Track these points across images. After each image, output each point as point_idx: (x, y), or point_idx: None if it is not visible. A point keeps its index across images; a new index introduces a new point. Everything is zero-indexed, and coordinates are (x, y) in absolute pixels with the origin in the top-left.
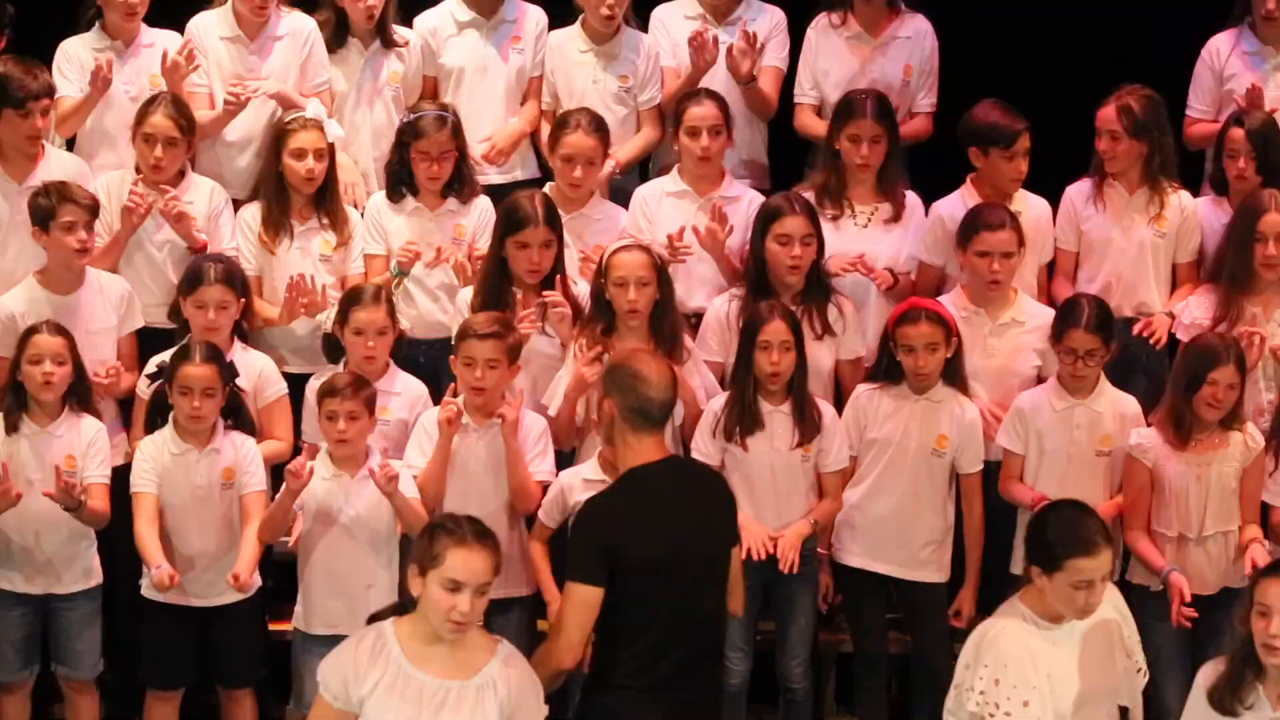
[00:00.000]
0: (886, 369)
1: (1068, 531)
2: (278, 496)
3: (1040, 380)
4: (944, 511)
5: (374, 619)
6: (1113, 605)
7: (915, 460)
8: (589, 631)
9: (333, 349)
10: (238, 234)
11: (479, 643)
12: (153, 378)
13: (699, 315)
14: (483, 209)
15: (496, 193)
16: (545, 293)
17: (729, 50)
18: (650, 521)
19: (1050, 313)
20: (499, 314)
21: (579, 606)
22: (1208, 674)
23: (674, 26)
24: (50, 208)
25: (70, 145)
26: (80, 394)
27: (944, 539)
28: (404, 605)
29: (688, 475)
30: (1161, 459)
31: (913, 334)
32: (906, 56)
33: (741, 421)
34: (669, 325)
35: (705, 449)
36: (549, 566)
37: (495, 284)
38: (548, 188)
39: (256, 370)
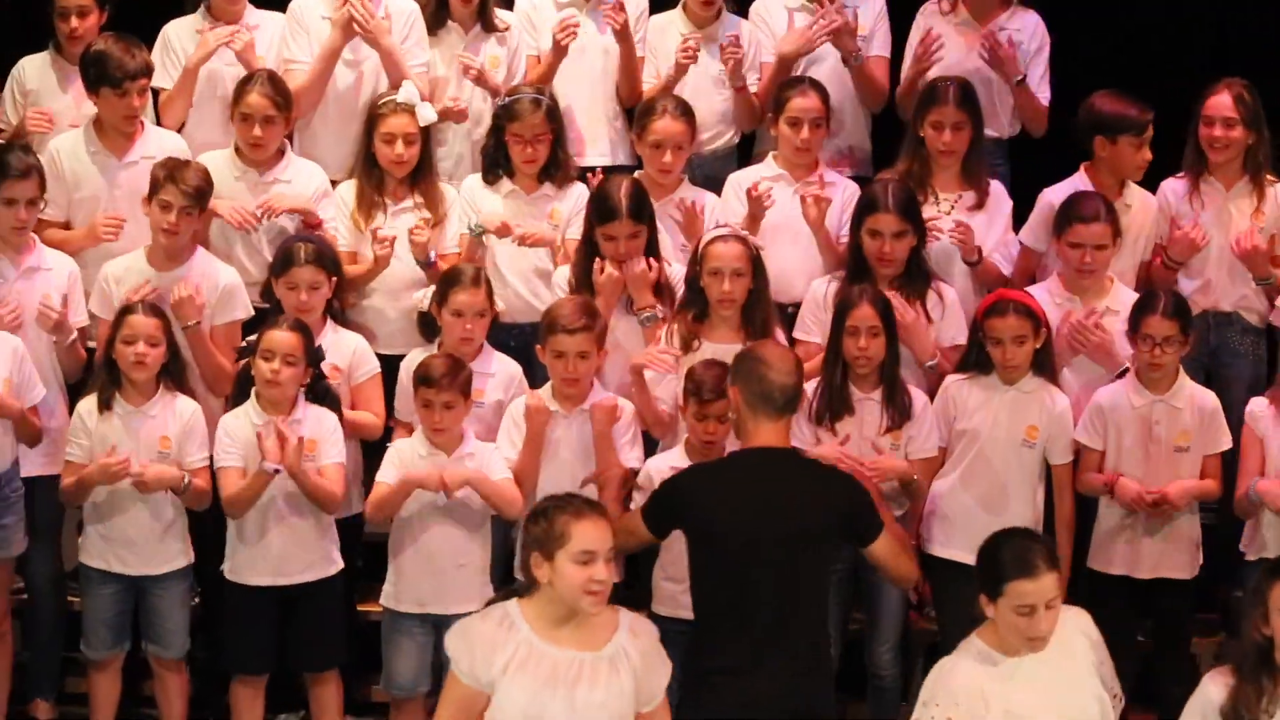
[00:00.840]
0: (976, 359)
1: (1010, 555)
2: (392, 488)
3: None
4: (1033, 502)
5: (494, 601)
6: (1080, 631)
7: (1005, 451)
8: (624, 552)
9: (428, 328)
10: (336, 212)
11: (603, 615)
12: (241, 353)
13: (794, 306)
14: (579, 194)
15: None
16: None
17: (835, 30)
18: (730, 498)
19: None
20: (585, 302)
21: (628, 530)
22: (1217, 687)
23: (776, 15)
24: (157, 182)
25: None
26: (175, 374)
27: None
28: (519, 590)
29: (793, 465)
30: (1271, 429)
31: (1000, 326)
32: (1013, 48)
33: (831, 406)
34: (761, 316)
35: (799, 432)
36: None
37: (588, 267)
38: (639, 174)
39: (350, 350)
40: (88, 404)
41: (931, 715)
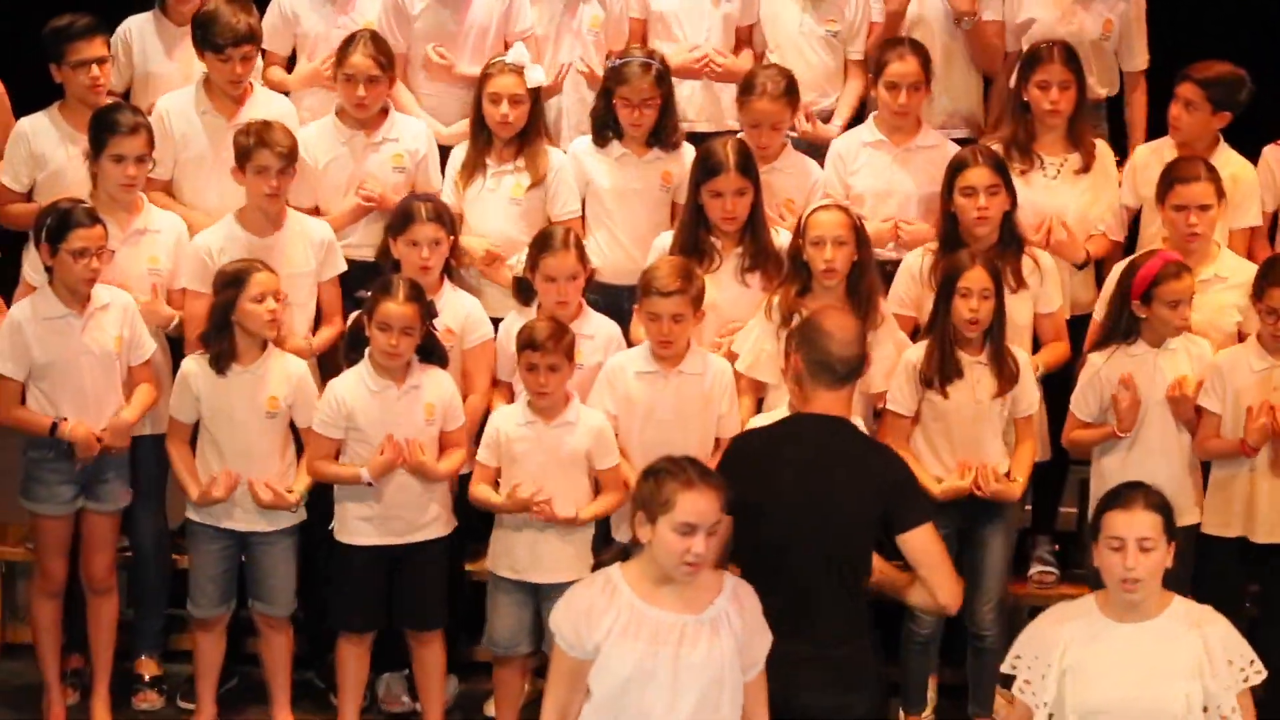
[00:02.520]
0: (1125, 329)
1: (1112, 491)
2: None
3: (1242, 338)
4: (1189, 451)
5: (598, 565)
6: (1203, 634)
7: (1163, 411)
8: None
9: (524, 291)
10: (449, 175)
11: (707, 578)
12: (354, 305)
13: (888, 264)
14: (688, 158)
15: (701, 141)
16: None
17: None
18: (776, 467)
19: (1254, 268)
20: (681, 264)
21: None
22: None
23: None
24: (248, 148)
25: None
26: (282, 333)
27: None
28: (627, 550)
29: (843, 438)
30: None
31: (1180, 289)
32: (1108, 11)
33: (942, 370)
34: (865, 286)
35: (900, 398)
36: None
37: (692, 231)
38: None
39: (465, 312)
40: (193, 364)
41: (1012, 664)
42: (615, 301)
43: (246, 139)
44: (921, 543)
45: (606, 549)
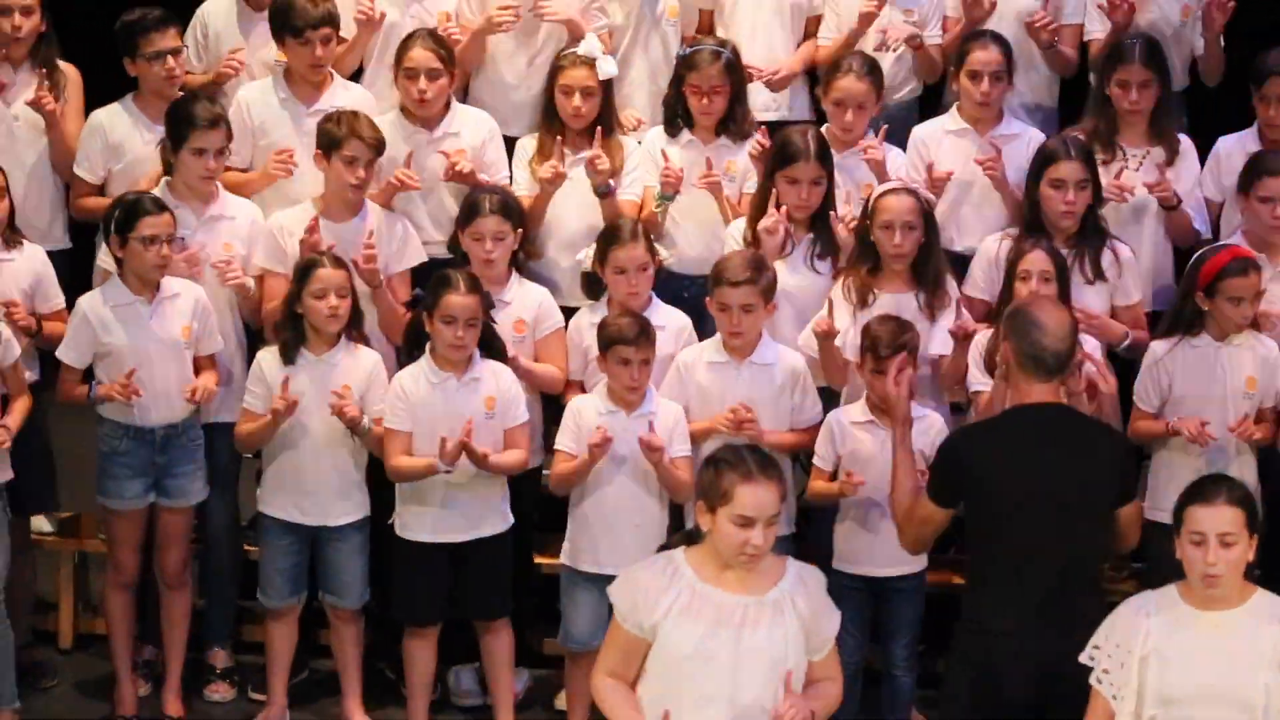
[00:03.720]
0: (1188, 320)
1: (1193, 486)
2: (578, 463)
3: None
4: (1253, 457)
5: (663, 549)
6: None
7: (1225, 408)
8: (927, 542)
9: (592, 286)
10: (515, 163)
11: (769, 562)
12: (410, 305)
13: (966, 257)
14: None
15: (773, 130)
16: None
17: (1028, 25)
18: (1011, 457)
19: None
20: (752, 255)
21: (923, 519)
22: None
23: None
24: (336, 137)
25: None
26: (356, 324)
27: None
28: (691, 535)
29: (1069, 423)
30: None
31: (1243, 285)
32: None
33: None
34: (933, 269)
35: (974, 382)
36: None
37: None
38: (823, 128)
39: (535, 302)
40: (267, 354)
41: (1090, 654)
42: (678, 292)
43: (335, 127)
44: (1132, 509)
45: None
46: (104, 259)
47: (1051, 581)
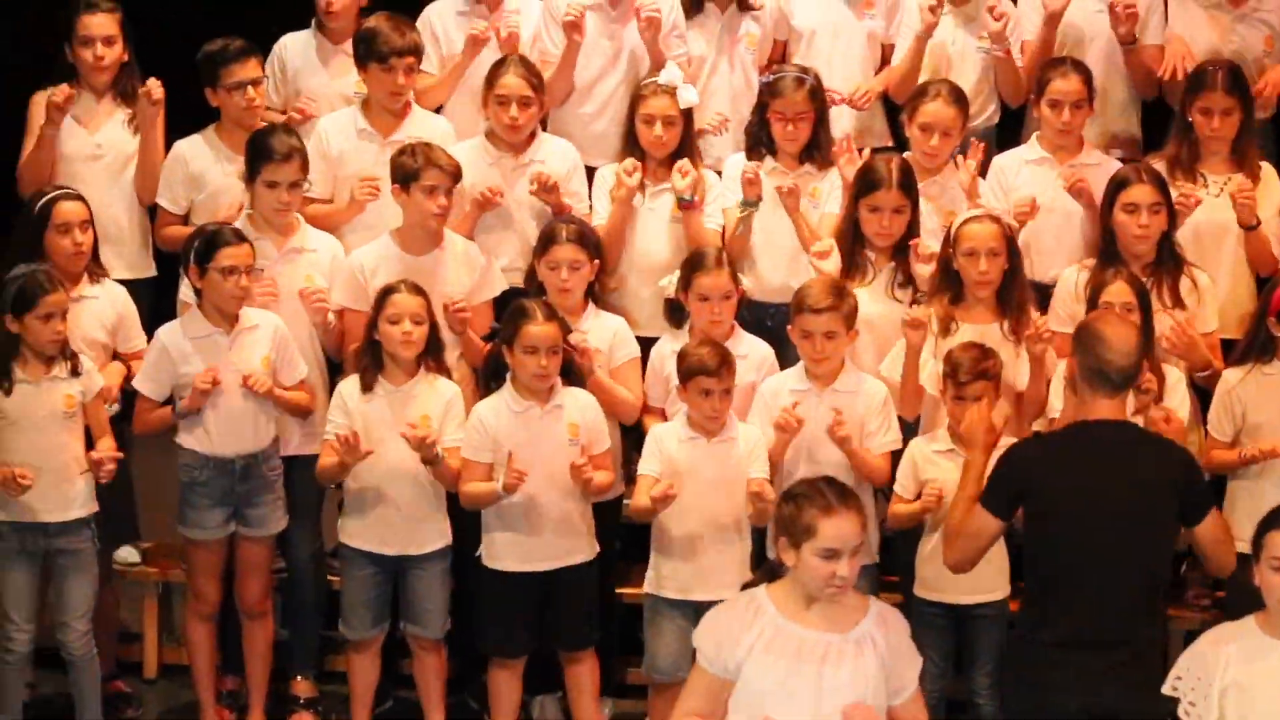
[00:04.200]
0: (1260, 347)
1: (1275, 512)
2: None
3: None
4: None
5: (746, 587)
6: None
7: None
8: (974, 558)
9: (675, 313)
10: (597, 193)
11: (852, 599)
12: (488, 338)
13: (1045, 286)
14: (837, 175)
15: None
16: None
17: (1111, 8)
18: (1072, 472)
19: None
20: (833, 281)
21: (975, 532)
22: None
23: None
24: (414, 169)
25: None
26: (435, 354)
27: None
28: (773, 570)
29: (1133, 439)
30: None
31: None
32: (1268, 28)
33: None
34: (1017, 296)
35: (1056, 414)
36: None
37: (848, 246)
38: (906, 155)
39: (611, 331)
40: (349, 384)
41: (1173, 686)
42: (761, 320)
43: (411, 159)
44: (1210, 528)
45: (759, 569)
46: (186, 291)
47: (1102, 596)
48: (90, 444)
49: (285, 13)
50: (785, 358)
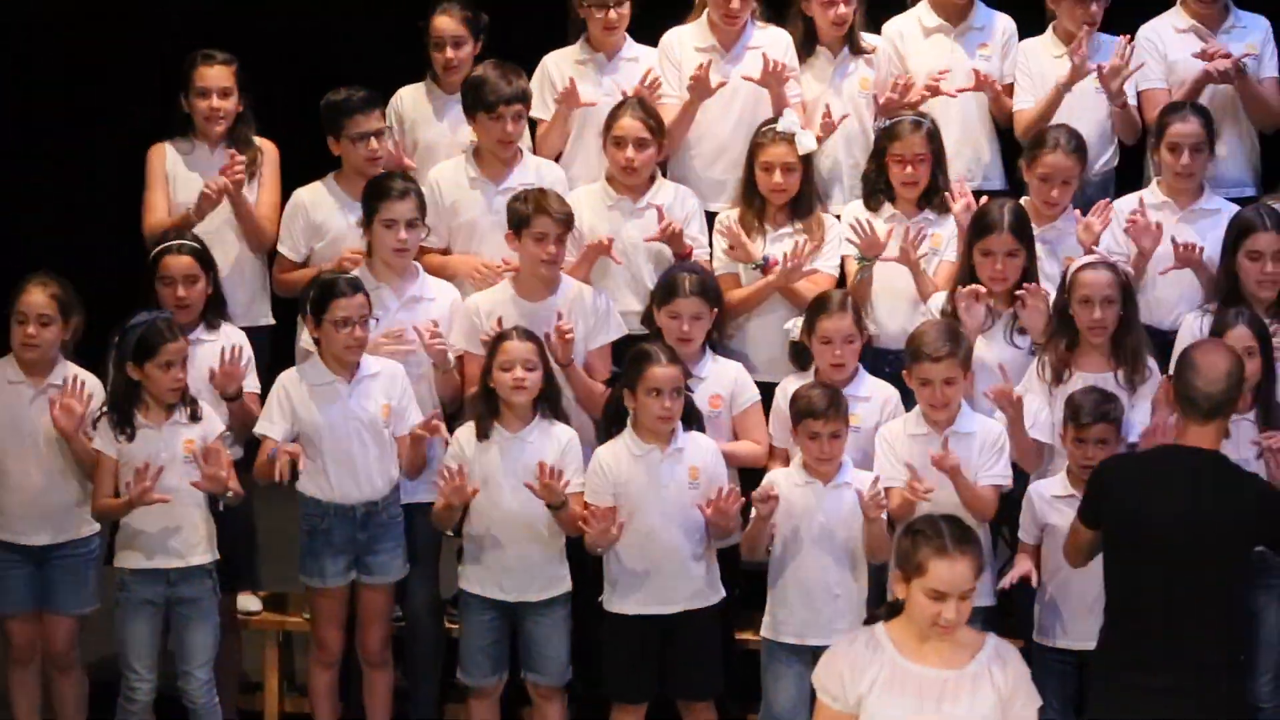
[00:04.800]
0: None
1: None
2: (752, 521)
3: None
4: None
5: (869, 621)
6: None
7: None
8: (1087, 559)
9: (800, 355)
10: (715, 239)
11: (967, 636)
12: (608, 383)
13: (1162, 331)
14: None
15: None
16: (1026, 287)
17: (1098, 69)
18: (1149, 490)
19: None
20: (948, 326)
21: (1075, 545)
22: None
23: (1165, 36)
24: (525, 215)
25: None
26: (552, 400)
27: None
28: (894, 607)
29: (1215, 468)
30: None
31: None
32: None
33: None
34: (1132, 343)
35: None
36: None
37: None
38: (1023, 200)
39: (731, 378)
40: (465, 431)
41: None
42: (880, 366)
43: (524, 206)
44: None
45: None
46: (306, 339)
47: (1174, 621)
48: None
49: (399, 64)
50: (907, 402)
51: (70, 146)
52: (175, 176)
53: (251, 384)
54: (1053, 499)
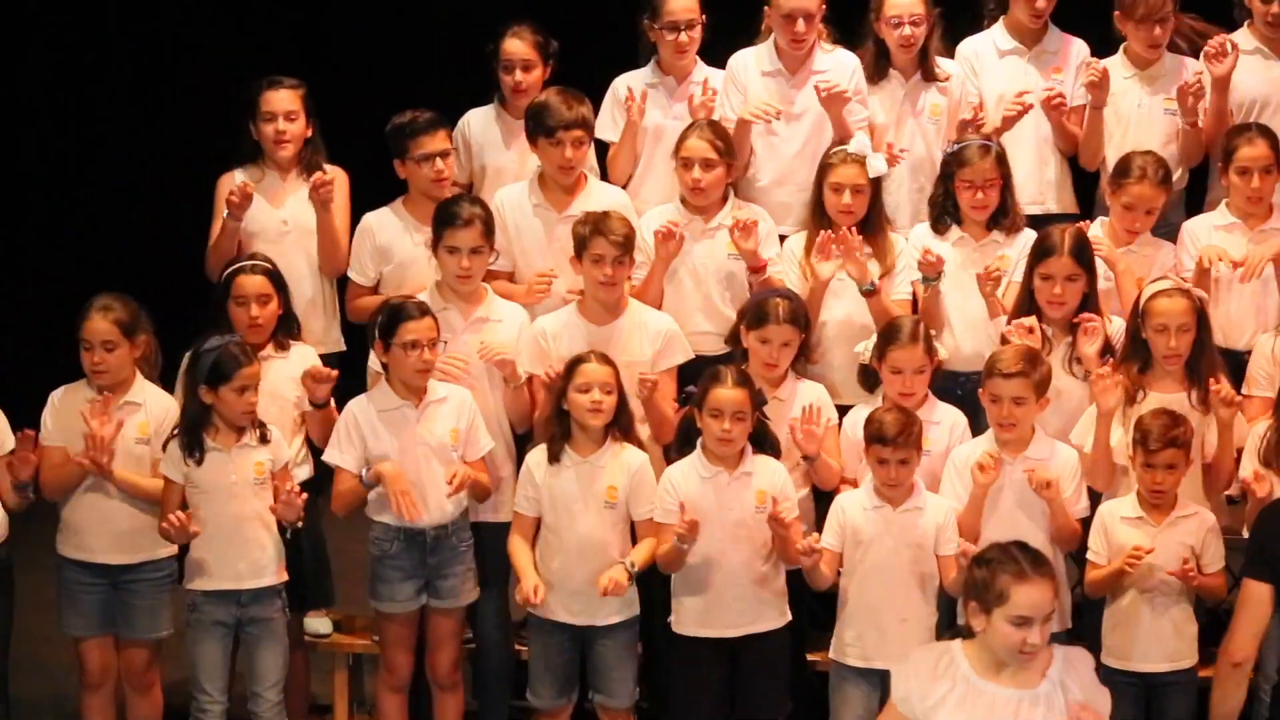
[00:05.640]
0: None
1: None
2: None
3: None
4: None
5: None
6: None
7: None
8: (1260, 628)
9: (868, 378)
10: (785, 262)
11: (1039, 655)
12: (683, 401)
13: (1246, 354)
14: (1026, 241)
15: (1037, 224)
16: (1082, 317)
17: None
18: None
19: None
20: (1025, 348)
21: (1246, 602)
22: None
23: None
24: (584, 237)
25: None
26: (623, 424)
27: None
28: (962, 633)
29: None
30: None
31: None
32: None
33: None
34: (1205, 367)
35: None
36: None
37: (1025, 315)
38: (1098, 223)
39: (813, 399)
40: (536, 455)
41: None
42: (951, 388)
43: (583, 228)
44: None
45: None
46: (375, 363)
47: None
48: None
49: (468, 86)
50: (977, 427)
51: (144, 173)
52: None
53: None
54: (1121, 520)
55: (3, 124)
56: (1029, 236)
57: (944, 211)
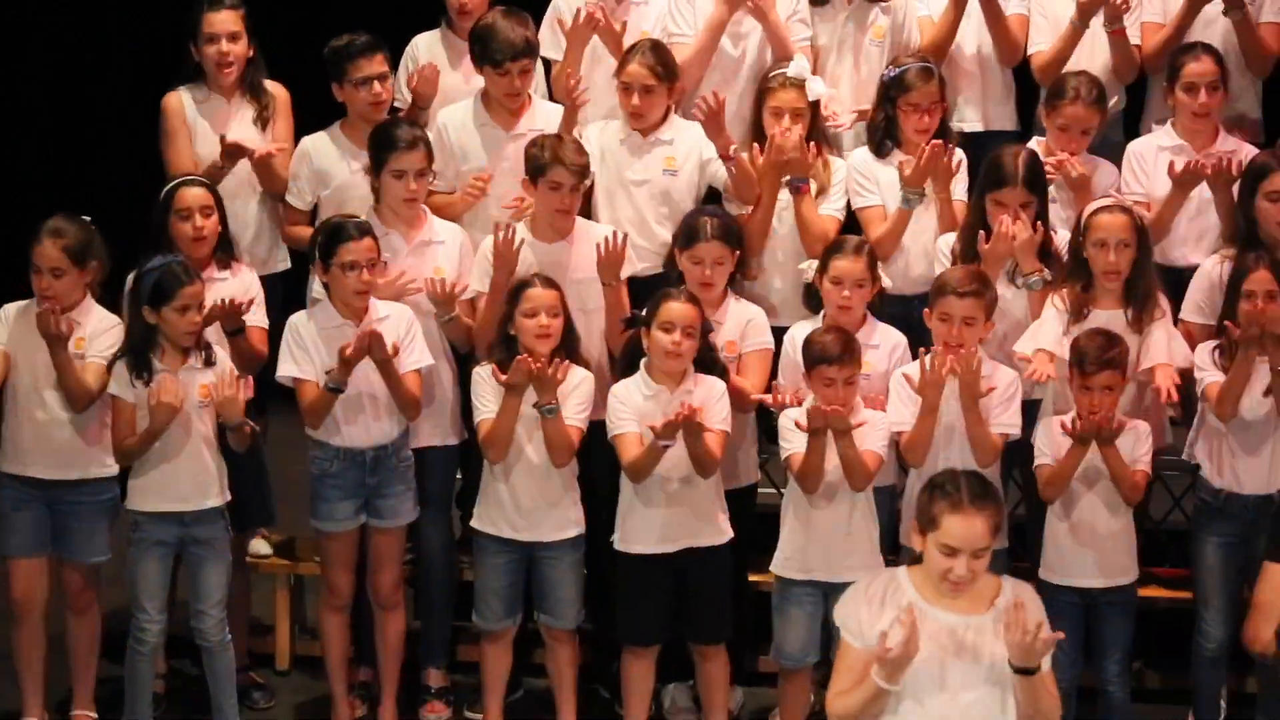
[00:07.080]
0: None
1: None
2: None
3: None
4: None
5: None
6: None
7: None
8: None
9: (813, 298)
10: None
11: (985, 581)
12: (629, 323)
13: (1180, 269)
14: (960, 163)
15: (979, 142)
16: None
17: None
18: None
19: None
20: (976, 269)
21: (1266, 586)
22: None
23: None
24: (542, 164)
25: None
26: (569, 345)
27: None
28: (913, 556)
29: None
30: None
31: None
32: None
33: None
34: (1144, 286)
35: (1209, 378)
36: None
37: (974, 236)
38: (1034, 142)
39: (746, 319)
40: (485, 371)
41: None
42: (906, 312)
43: (541, 154)
44: None
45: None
46: (318, 289)
47: None
48: (222, 433)
49: (414, 10)
50: (914, 348)
51: (83, 95)
52: (194, 127)
53: (259, 319)
54: (1060, 437)
55: None
56: (965, 158)
57: (885, 135)
